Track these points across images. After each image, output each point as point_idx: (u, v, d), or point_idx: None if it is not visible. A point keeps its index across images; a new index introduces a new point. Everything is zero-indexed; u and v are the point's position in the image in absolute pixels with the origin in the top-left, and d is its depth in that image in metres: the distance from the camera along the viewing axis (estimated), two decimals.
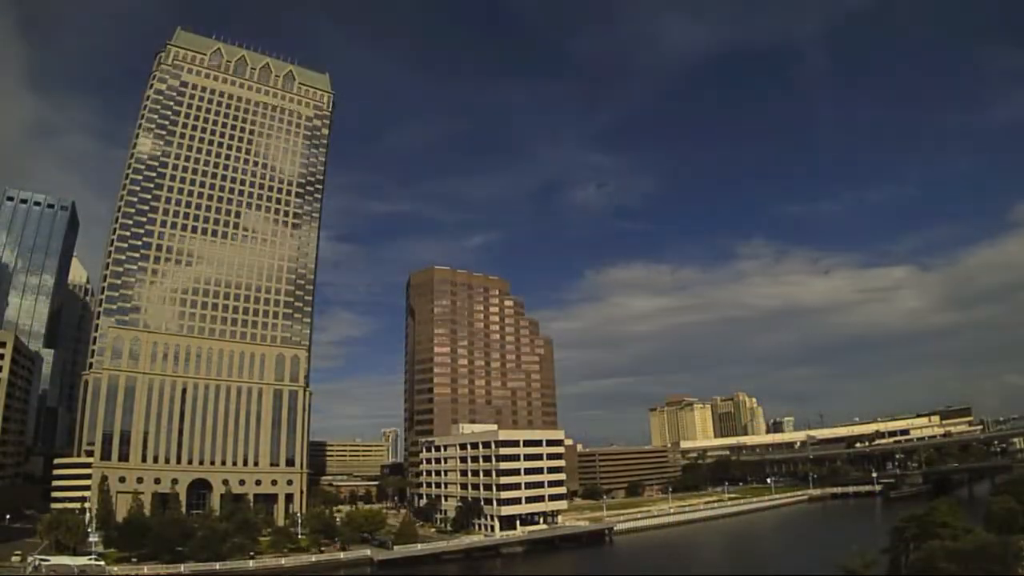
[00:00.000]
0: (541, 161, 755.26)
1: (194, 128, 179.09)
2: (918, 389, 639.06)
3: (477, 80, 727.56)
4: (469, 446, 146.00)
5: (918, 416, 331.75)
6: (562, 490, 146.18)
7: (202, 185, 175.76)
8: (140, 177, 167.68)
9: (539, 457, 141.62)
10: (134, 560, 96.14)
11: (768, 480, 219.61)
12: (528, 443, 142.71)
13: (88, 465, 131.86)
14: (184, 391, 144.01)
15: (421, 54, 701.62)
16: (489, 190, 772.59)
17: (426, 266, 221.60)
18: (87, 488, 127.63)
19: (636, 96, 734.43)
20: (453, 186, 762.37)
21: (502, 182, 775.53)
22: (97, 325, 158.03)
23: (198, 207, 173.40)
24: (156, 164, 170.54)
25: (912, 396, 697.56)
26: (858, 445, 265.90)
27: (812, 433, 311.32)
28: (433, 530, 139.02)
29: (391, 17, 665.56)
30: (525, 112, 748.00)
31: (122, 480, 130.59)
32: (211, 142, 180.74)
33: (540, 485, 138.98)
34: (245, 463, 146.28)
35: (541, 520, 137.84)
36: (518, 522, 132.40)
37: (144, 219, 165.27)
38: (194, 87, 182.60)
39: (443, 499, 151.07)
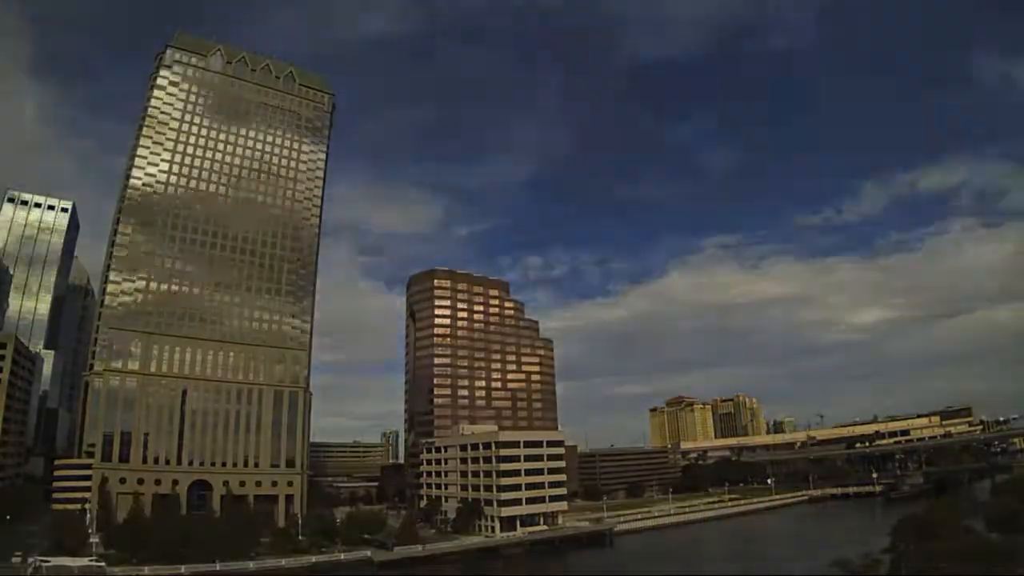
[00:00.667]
0: (525, 151, 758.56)
1: (194, 129, 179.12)
2: (918, 389, 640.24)
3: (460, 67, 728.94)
4: (469, 447, 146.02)
5: (918, 416, 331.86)
6: (562, 491, 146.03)
7: (204, 186, 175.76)
8: (141, 178, 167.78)
9: (539, 458, 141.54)
10: (134, 561, 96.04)
11: (768, 480, 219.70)
12: (528, 444, 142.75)
13: (89, 466, 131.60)
14: (185, 392, 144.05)
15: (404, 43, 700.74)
16: (476, 180, 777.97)
17: (426, 268, 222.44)
18: (88, 489, 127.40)
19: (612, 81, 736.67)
20: (440, 176, 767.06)
21: (485, 171, 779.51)
22: (98, 326, 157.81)
23: (198, 208, 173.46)
24: (157, 165, 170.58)
25: (912, 396, 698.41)
26: (858, 445, 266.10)
27: (812, 434, 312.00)
28: (433, 531, 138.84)
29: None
30: (508, 97, 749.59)
31: (123, 481, 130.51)
32: (211, 143, 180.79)
33: (540, 486, 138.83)
34: (245, 464, 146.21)
35: (541, 521, 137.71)
36: (518, 523, 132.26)
37: (145, 220, 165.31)
38: (194, 88, 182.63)
39: (443, 500, 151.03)
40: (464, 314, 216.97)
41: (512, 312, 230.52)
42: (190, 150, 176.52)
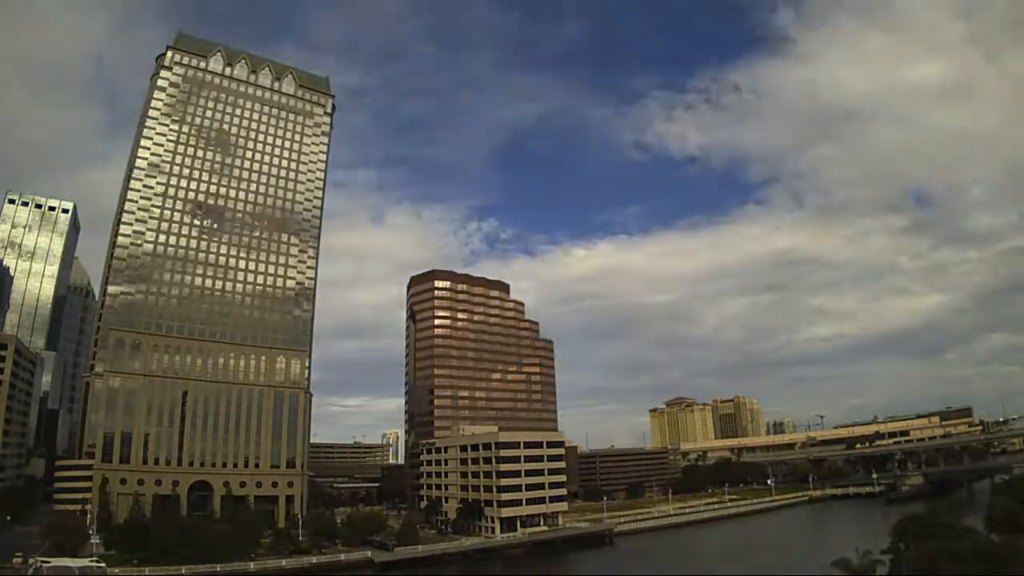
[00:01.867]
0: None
1: (195, 130, 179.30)
2: (918, 389, 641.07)
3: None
4: (470, 448, 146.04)
5: (918, 417, 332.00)
6: (563, 492, 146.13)
7: (204, 188, 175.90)
8: (142, 179, 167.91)
9: (539, 459, 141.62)
10: (135, 562, 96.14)
11: (768, 481, 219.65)
12: (528, 445, 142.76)
13: (89, 467, 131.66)
14: (185, 393, 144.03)
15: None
16: (450, 154, 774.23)
17: (427, 268, 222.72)
18: (88, 490, 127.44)
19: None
20: (414, 150, 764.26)
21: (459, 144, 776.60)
22: (98, 327, 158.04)
23: (200, 209, 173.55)
24: (157, 166, 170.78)
25: (912, 396, 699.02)
26: (858, 446, 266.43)
27: (812, 434, 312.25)
28: (434, 532, 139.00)
29: None
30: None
31: (123, 482, 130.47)
32: (212, 144, 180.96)
33: (541, 487, 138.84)
34: (246, 465, 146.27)
35: (542, 521, 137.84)
36: (519, 524, 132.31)
37: (146, 221, 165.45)
38: (195, 89, 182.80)
39: (444, 501, 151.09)
40: (464, 315, 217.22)
41: (512, 313, 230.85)
42: (190, 151, 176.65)
